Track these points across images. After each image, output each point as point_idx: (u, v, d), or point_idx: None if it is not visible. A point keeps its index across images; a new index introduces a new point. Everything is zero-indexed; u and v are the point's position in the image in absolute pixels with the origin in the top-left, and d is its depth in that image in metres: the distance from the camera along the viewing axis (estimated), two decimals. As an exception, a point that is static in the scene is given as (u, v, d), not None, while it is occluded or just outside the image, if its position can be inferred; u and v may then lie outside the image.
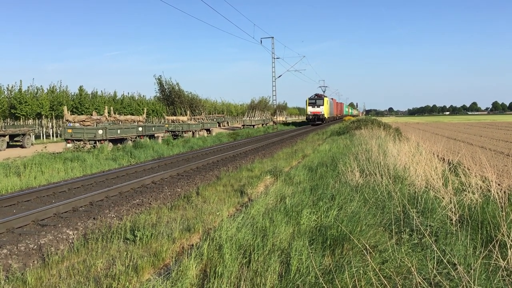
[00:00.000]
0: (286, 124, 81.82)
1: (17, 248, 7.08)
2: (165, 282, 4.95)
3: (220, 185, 12.54)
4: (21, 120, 43.83)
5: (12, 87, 43.51)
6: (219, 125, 68.99)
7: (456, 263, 4.72)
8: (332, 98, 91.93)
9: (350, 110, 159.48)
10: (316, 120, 71.77)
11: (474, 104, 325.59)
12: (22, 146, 32.24)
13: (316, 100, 72.17)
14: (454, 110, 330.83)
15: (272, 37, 56.77)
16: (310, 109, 72.16)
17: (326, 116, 72.70)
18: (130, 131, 29.40)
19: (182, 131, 39.03)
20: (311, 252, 5.47)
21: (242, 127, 62.07)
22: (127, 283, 5.27)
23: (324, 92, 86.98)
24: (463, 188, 8.28)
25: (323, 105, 71.33)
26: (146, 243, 6.96)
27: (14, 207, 10.38)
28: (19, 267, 6.37)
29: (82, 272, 5.81)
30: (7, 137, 30.88)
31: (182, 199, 10.66)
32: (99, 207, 10.12)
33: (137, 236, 7.11)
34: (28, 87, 44.19)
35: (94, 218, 9.04)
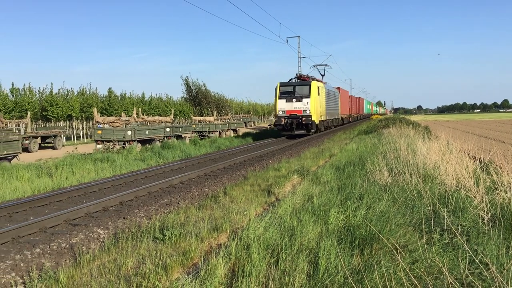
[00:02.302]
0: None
1: (49, 247, 7.23)
2: (194, 281, 4.98)
3: (247, 184, 12.56)
4: (52, 122, 44.77)
5: (43, 89, 44.55)
6: (245, 125, 66.48)
7: (489, 263, 4.62)
8: (338, 88, 53.14)
9: (374, 108, 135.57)
10: (295, 128, 34.33)
11: (506, 101, 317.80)
12: (53, 148, 32.95)
13: (295, 86, 35.17)
14: (485, 108, 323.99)
15: (298, 36, 56.39)
16: (283, 106, 34.70)
17: (316, 118, 34.73)
18: (158, 131, 29.73)
19: (208, 132, 39.30)
20: (340, 252, 5.43)
21: (268, 127, 59.51)
22: (157, 281, 5.33)
23: (323, 76, 47.64)
24: (495, 187, 8.10)
25: (309, 96, 34.37)
26: (175, 242, 7.02)
27: (46, 207, 10.61)
28: (52, 266, 6.51)
29: (113, 271, 5.89)
30: (39, 138, 31.59)
31: (209, 199, 10.72)
32: (128, 207, 10.27)
33: (166, 235, 7.18)
34: (59, 89, 45.23)
35: (124, 218, 9.17)
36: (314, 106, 34.09)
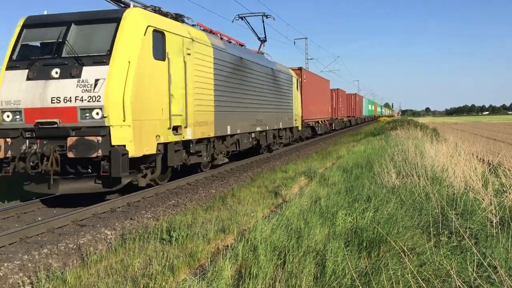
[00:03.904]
0: None
1: (57, 247, 7.26)
2: (200, 282, 4.98)
3: (255, 186, 12.55)
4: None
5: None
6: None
7: (497, 266, 4.59)
8: (299, 69, 28.95)
9: (379, 109, 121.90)
10: (51, 173, 9.00)
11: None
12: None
13: (67, 30, 9.70)
14: (493, 110, 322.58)
15: (306, 38, 56.19)
16: (14, 93, 9.42)
17: (138, 136, 9.46)
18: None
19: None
20: (347, 254, 5.41)
21: None
22: (164, 282, 5.34)
23: (262, 42, 22.68)
24: (503, 190, 8.06)
25: (106, 61, 9.21)
26: (181, 243, 7.03)
27: (54, 208, 10.64)
28: (59, 266, 6.53)
29: (120, 271, 5.91)
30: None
31: (216, 200, 10.72)
32: (136, 208, 10.28)
33: (173, 236, 7.19)
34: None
35: (131, 219, 9.19)
36: (130, 91, 9.36)
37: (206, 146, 13.50)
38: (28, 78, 9.54)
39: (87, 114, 9.27)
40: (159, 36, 10.56)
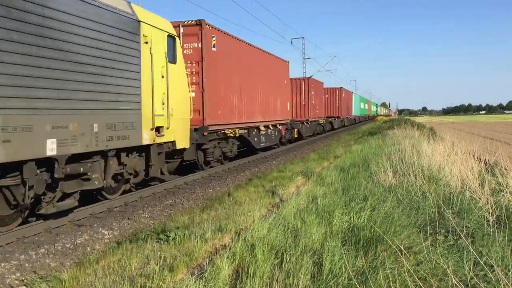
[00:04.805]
0: None
1: (54, 247, 7.26)
2: (198, 281, 4.98)
3: (252, 186, 12.55)
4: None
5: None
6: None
7: (494, 264, 4.61)
8: (216, 31, 15.47)
9: (374, 108, 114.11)
10: None
11: (511, 102, 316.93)
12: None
13: None
14: (490, 109, 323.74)
15: (303, 37, 55.97)
16: None
17: None
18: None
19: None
20: (344, 253, 5.42)
21: None
22: (161, 282, 5.33)
23: None
24: (500, 189, 8.08)
25: None
26: (179, 243, 7.02)
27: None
28: (56, 266, 6.53)
29: (117, 271, 5.90)
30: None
31: (214, 200, 10.72)
32: (133, 208, 10.28)
33: (170, 236, 7.18)
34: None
35: (128, 218, 9.19)
36: None
37: None
38: None
39: None
40: None
